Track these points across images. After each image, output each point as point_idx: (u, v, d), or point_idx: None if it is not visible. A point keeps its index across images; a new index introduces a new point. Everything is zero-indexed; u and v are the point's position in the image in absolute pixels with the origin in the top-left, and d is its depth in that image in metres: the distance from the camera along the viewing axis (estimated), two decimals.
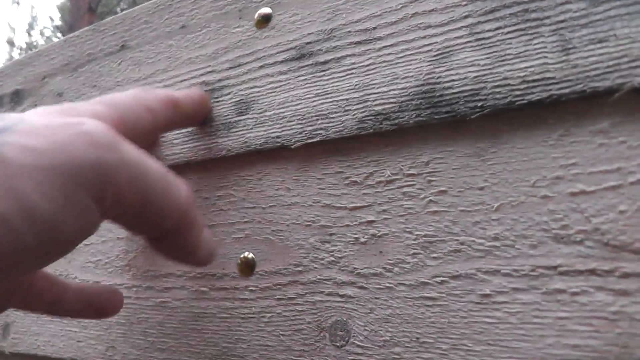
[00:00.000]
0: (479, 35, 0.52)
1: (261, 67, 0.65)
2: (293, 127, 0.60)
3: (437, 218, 0.52)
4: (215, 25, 0.71)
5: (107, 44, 0.85)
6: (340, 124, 0.57)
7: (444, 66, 0.53)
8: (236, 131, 0.65)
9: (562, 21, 0.48)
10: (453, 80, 0.52)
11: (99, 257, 0.78)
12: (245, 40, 0.68)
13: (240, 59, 0.67)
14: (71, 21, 15.70)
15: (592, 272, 0.43)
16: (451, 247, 0.51)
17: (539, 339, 0.45)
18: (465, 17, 0.53)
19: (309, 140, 0.59)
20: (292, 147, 0.60)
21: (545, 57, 0.48)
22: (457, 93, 0.51)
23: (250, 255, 0.62)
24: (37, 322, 0.85)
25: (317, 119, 0.59)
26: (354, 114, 0.57)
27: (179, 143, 0.70)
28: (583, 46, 0.46)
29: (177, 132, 0.70)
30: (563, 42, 0.48)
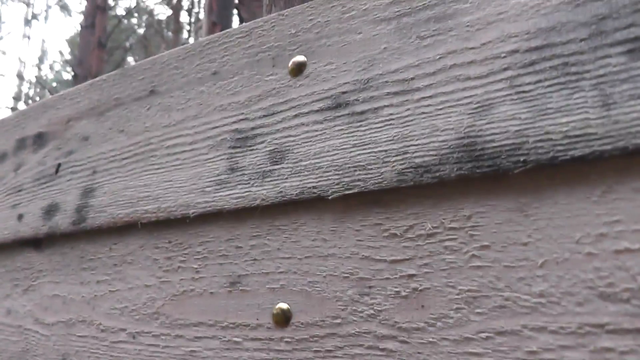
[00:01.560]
0: (519, 88, 0.52)
1: (296, 115, 0.65)
2: (330, 177, 0.60)
3: (480, 273, 0.51)
4: (248, 72, 0.72)
5: (135, 89, 0.86)
6: (379, 175, 0.57)
7: (485, 119, 0.53)
8: (271, 180, 0.65)
9: (602, 75, 0.48)
10: (494, 134, 0.52)
11: (125, 304, 0.78)
12: (279, 89, 0.68)
13: (275, 107, 0.67)
14: (80, 56, 15.86)
15: None
16: (496, 303, 0.50)
17: None
18: (505, 69, 0.53)
19: (347, 192, 0.59)
20: (329, 197, 0.60)
21: (587, 112, 0.48)
22: (498, 147, 0.51)
23: (286, 306, 0.62)
24: None
25: (355, 170, 0.59)
26: (393, 166, 0.56)
27: (211, 191, 0.70)
28: (624, 102, 0.46)
29: (208, 179, 0.70)
30: (604, 97, 0.47)
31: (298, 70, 0.66)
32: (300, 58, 0.67)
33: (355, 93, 0.61)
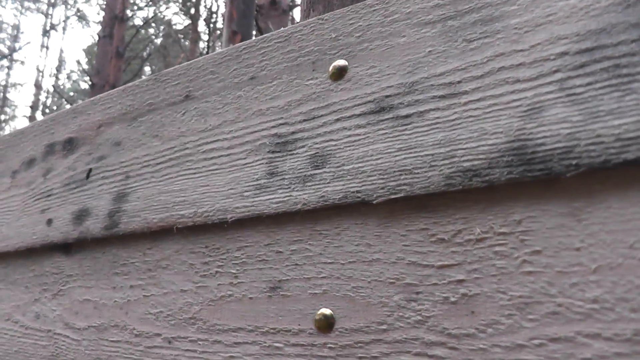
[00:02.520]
0: (570, 90, 0.51)
1: (337, 120, 0.65)
2: (374, 182, 0.59)
3: (532, 279, 0.50)
4: (287, 77, 0.71)
5: (170, 94, 0.85)
6: (426, 179, 0.56)
7: (535, 122, 0.52)
8: (312, 185, 0.64)
9: None
10: (545, 137, 0.51)
11: (159, 309, 0.77)
12: (319, 93, 0.67)
13: (315, 112, 0.67)
14: (98, 65, 15.98)
15: None
16: (548, 309, 0.49)
17: None
18: (555, 71, 0.52)
19: (392, 196, 0.58)
20: (374, 202, 0.59)
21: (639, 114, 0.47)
22: (550, 150, 0.50)
23: (329, 312, 0.61)
24: None
25: (400, 174, 0.58)
26: (441, 170, 0.56)
27: (250, 196, 0.69)
28: None
29: (247, 184, 0.70)
30: None
31: (339, 74, 0.66)
32: (342, 62, 0.66)
33: (400, 97, 0.60)
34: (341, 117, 0.64)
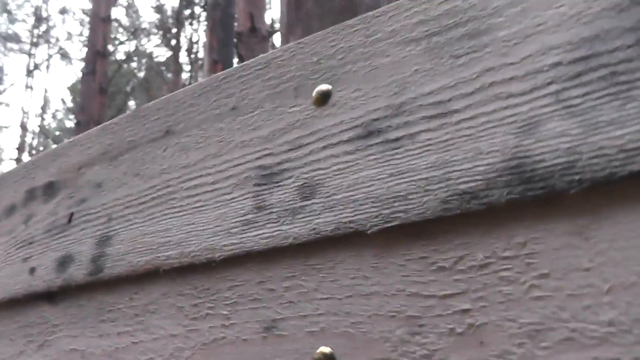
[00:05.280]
0: (567, 102, 0.49)
1: (324, 147, 0.62)
2: (367, 210, 0.56)
3: (542, 304, 0.47)
4: (269, 105, 0.68)
5: (150, 130, 0.82)
6: (422, 205, 0.53)
7: (532, 138, 0.49)
8: (302, 217, 0.61)
9: None
10: (544, 153, 0.48)
11: (149, 356, 0.73)
12: (304, 120, 0.64)
13: (301, 140, 0.64)
14: (82, 102, 15.97)
15: None
16: (562, 335, 0.46)
17: None
18: (549, 83, 0.50)
19: (387, 225, 0.55)
20: (369, 232, 0.56)
21: None
22: (550, 167, 0.48)
23: (328, 350, 0.57)
24: None
25: (394, 201, 0.55)
26: (436, 194, 0.53)
27: (237, 232, 0.66)
28: None
29: (234, 220, 0.67)
30: None
31: (323, 99, 0.63)
32: (325, 86, 0.64)
33: (388, 119, 0.58)
34: (328, 144, 0.61)
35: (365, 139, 0.59)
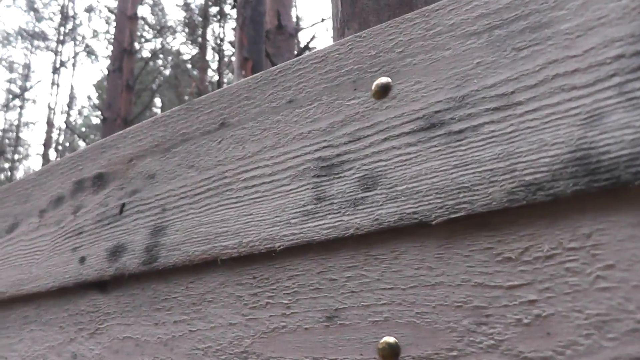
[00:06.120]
0: (630, 94, 0.49)
1: (385, 139, 0.62)
2: (431, 201, 0.57)
3: (608, 295, 0.47)
4: (327, 98, 0.69)
5: (204, 123, 0.84)
6: (487, 196, 0.54)
7: (597, 129, 0.49)
8: (364, 208, 0.62)
9: None
10: (609, 144, 0.48)
11: (208, 344, 0.75)
12: (363, 112, 0.65)
13: (360, 132, 0.65)
14: (109, 99, 16.11)
15: None
16: (628, 327, 0.46)
17: None
18: (612, 75, 0.50)
19: (452, 216, 0.55)
20: (433, 223, 0.57)
21: None
22: (615, 158, 0.48)
23: (393, 340, 0.58)
24: None
25: (459, 192, 0.56)
26: (502, 185, 0.53)
27: (297, 223, 0.67)
28: None
29: (293, 211, 0.68)
30: None
31: (383, 92, 0.64)
32: (384, 79, 0.64)
33: (450, 111, 0.58)
34: (389, 136, 0.62)
35: (428, 131, 0.59)
